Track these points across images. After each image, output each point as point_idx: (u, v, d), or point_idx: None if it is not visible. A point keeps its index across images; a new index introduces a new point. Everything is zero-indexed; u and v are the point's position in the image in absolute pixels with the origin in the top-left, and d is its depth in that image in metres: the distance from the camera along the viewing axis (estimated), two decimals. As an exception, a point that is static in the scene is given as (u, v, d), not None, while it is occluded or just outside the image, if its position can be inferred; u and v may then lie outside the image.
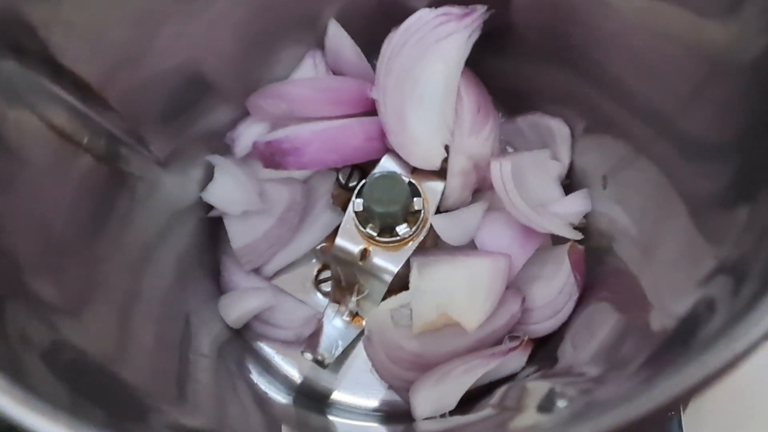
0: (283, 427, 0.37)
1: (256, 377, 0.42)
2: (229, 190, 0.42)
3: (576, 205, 0.41)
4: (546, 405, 0.28)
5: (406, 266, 0.40)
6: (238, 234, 0.42)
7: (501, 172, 0.38)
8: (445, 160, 0.40)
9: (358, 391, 0.43)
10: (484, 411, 0.35)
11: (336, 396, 0.43)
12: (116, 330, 0.30)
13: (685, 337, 0.25)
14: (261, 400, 0.40)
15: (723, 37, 0.29)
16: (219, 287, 0.44)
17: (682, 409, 0.43)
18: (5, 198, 0.26)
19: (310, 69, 0.45)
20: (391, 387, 0.41)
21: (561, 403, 0.27)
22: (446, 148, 0.40)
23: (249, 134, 0.44)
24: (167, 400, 0.29)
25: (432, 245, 0.43)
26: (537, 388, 0.32)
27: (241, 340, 0.43)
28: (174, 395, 0.30)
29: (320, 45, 0.44)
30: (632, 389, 0.20)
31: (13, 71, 0.28)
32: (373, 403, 0.43)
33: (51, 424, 0.18)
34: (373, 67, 0.43)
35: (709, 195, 0.30)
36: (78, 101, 0.32)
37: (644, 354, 0.27)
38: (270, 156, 0.40)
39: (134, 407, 0.26)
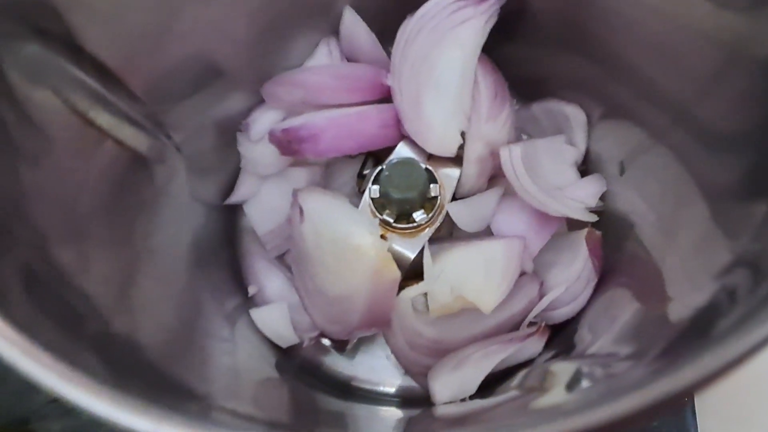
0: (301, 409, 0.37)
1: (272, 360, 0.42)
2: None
3: (590, 187, 0.41)
4: (574, 384, 0.28)
5: (423, 254, 0.40)
6: (262, 220, 0.43)
7: (510, 157, 0.38)
8: (461, 147, 0.40)
9: (374, 377, 0.43)
10: (507, 393, 0.35)
11: (353, 382, 0.43)
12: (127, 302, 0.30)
13: (702, 328, 0.25)
14: (279, 383, 0.40)
15: (743, 28, 0.29)
16: (234, 273, 0.44)
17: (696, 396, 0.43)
18: (34, 173, 0.27)
19: (324, 56, 0.45)
20: (408, 373, 0.41)
21: (585, 383, 0.27)
22: (462, 134, 0.40)
23: (264, 121, 0.44)
24: (194, 379, 0.29)
25: (447, 234, 0.43)
26: (563, 369, 0.32)
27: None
28: (199, 376, 0.30)
29: (335, 32, 0.44)
30: (648, 375, 0.20)
31: (37, 54, 0.28)
32: (389, 388, 0.43)
33: (94, 397, 0.18)
34: (388, 54, 0.42)
35: (726, 187, 0.30)
36: (99, 85, 0.32)
37: (662, 343, 0.27)
38: (287, 143, 0.40)
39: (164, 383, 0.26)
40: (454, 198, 0.41)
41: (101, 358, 0.23)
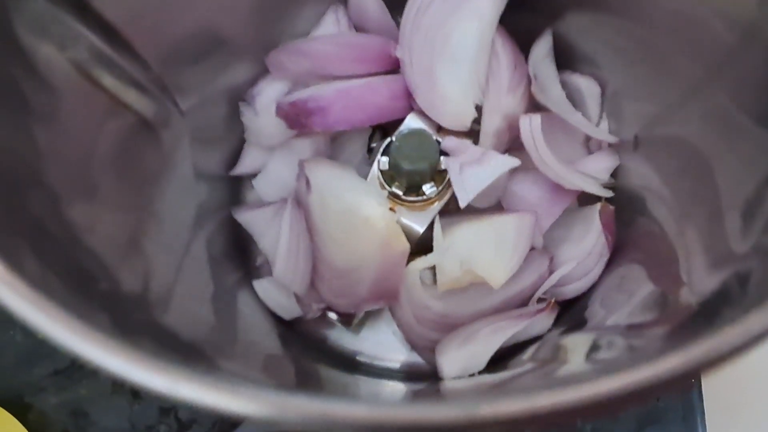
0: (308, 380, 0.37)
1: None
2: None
3: (603, 162, 0.41)
4: (592, 354, 0.28)
5: (432, 228, 0.39)
6: (271, 193, 0.42)
7: (531, 126, 0.37)
8: (475, 120, 0.39)
9: (380, 352, 0.43)
10: (518, 368, 0.34)
11: (358, 356, 0.42)
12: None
13: (713, 311, 0.25)
14: (283, 356, 0.39)
15: (756, 13, 0.28)
16: (238, 244, 0.43)
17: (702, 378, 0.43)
18: (48, 132, 0.26)
19: (332, 25, 0.43)
20: (414, 348, 0.41)
21: (605, 353, 0.27)
22: (477, 108, 0.39)
23: (270, 92, 0.43)
24: (202, 342, 0.28)
25: (456, 209, 0.42)
26: (578, 340, 0.31)
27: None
28: (207, 340, 0.29)
29: (343, 1, 0.43)
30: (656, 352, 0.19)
31: (43, 8, 0.27)
32: (395, 364, 0.42)
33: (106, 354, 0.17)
34: (397, 24, 0.42)
35: (742, 168, 0.29)
36: (104, 44, 0.31)
37: (670, 323, 0.27)
38: (295, 116, 0.39)
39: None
40: (464, 171, 0.41)
41: (111, 316, 0.22)
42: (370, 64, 0.41)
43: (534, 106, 0.40)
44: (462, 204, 0.37)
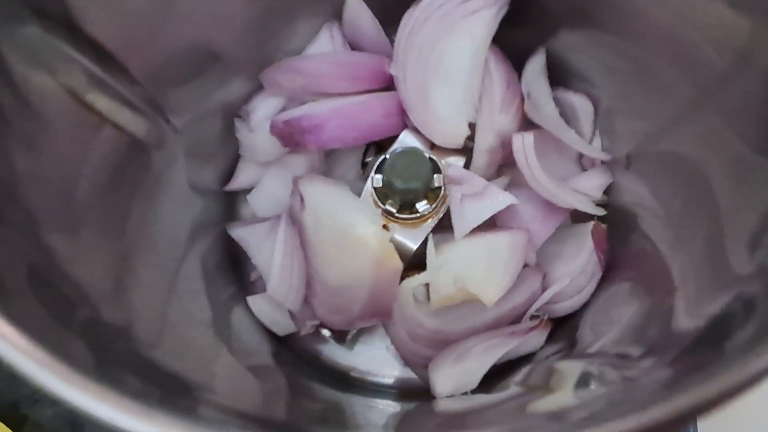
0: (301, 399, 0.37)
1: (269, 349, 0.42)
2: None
3: (595, 180, 0.41)
4: (581, 385, 0.28)
5: (425, 245, 0.40)
6: (265, 209, 0.42)
7: (523, 145, 0.37)
8: (469, 137, 0.39)
9: (373, 368, 0.43)
10: (510, 390, 0.34)
11: (352, 372, 0.43)
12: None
13: (716, 339, 0.24)
14: (276, 373, 0.39)
15: (752, 34, 0.28)
16: (232, 260, 0.43)
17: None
18: (28, 156, 0.26)
19: (326, 42, 0.43)
20: (408, 364, 0.41)
21: (595, 386, 0.27)
22: (470, 125, 0.39)
23: (264, 108, 0.43)
24: (187, 369, 0.28)
25: (449, 225, 0.42)
26: (569, 368, 0.31)
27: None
28: (192, 367, 0.29)
29: (338, 17, 0.43)
30: (652, 394, 0.19)
31: (35, 36, 0.27)
32: (388, 380, 0.43)
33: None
34: (391, 42, 0.42)
35: (743, 193, 0.29)
36: (97, 67, 0.31)
37: (673, 350, 0.26)
38: (289, 135, 0.40)
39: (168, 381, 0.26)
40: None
41: (90, 346, 0.22)
42: (364, 81, 0.41)
43: (527, 123, 0.40)
44: (457, 236, 0.37)
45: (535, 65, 0.41)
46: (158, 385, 0.24)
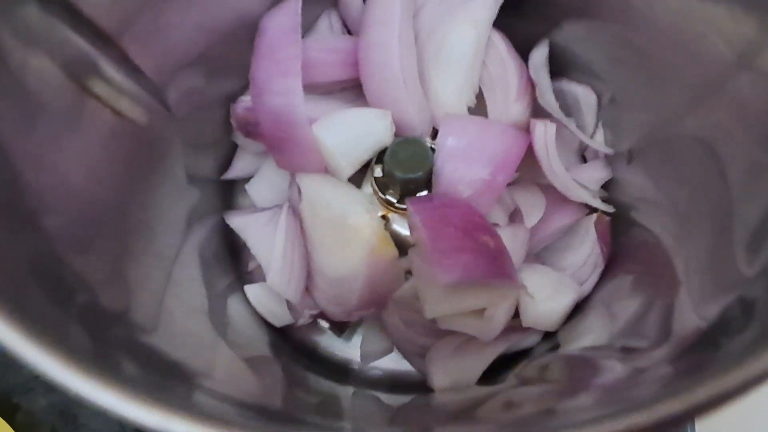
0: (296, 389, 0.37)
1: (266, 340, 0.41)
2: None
3: (594, 173, 0.40)
4: (579, 380, 0.27)
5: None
6: (263, 199, 0.42)
7: (545, 134, 0.37)
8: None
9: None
10: (505, 383, 0.34)
11: (349, 364, 0.42)
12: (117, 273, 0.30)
13: (717, 339, 0.24)
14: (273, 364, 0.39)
15: (761, 25, 0.28)
16: (230, 249, 0.43)
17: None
18: (27, 141, 0.25)
19: (325, 30, 0.43)
20: (404, 354, 0.41)
21: (598, 378, 0.27)
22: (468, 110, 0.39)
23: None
24: (184, 356, 0.28)
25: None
26: (568, 362, 0.31)
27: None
28: (190, 354, 0.29)
29: (336, 5, 0.43)
30: (651, 394, 0.19)
31: (35, 17, 0.27)
32: (384, 372, 0.42)
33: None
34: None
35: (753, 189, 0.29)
36: (97, 51, 0.30)
37: (673, 349, 0.26)
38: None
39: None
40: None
41: (88, 331, 0.22)
42: (356, 68, 0.41)
43: (534, 113, 0.40)
44: None
45: (539, 57, 0.41)
46: (156, 371, 0.24)
